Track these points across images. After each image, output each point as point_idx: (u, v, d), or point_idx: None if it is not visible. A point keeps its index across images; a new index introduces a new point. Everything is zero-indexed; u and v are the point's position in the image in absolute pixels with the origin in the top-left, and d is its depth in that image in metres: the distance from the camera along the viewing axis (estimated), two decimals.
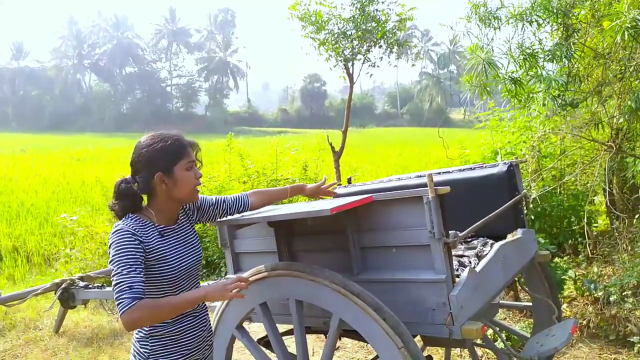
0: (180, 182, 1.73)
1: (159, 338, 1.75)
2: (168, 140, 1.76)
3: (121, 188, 1.74)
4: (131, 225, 1.67)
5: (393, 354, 1.71)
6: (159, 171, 1.71)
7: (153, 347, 1.75)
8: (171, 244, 1.77)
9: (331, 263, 2.15)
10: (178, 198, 1.77)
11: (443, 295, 1.82)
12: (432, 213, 1.82)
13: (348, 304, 1.82)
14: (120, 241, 1.61)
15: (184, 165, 1.74)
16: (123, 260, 1.58)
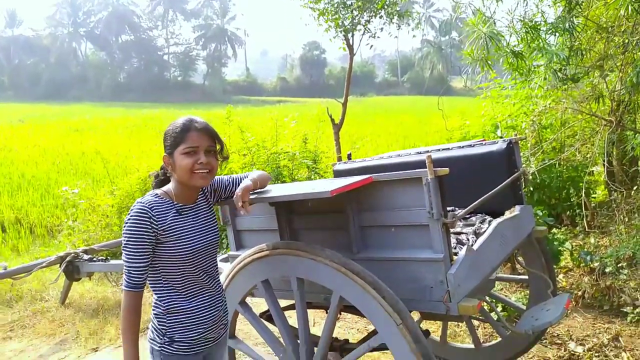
0: (178, 167, 1.78)
1: (176, 315, 1.82)
2: (177, 123, 1.83)
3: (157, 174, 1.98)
4: (150, 202, 1.77)
5: (392, 330, 1.77)
6: (166, 153, 1.82)
7: (170, 324, 1.82)
8: (188, 222, 1.83)
9: (331, 241, 2.19)
10: (181, 180, 1.81)
11: (441, 273, 1.87)
12: (431, 194, 1.84)
13: (348, 282, 1.86)
14: (134, 223, 1.71)
15: (182, 150, 1.77)
16: (130, 245, 1.71)
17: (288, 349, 2.13)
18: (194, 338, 1.84)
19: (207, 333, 1.88)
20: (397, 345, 1.77)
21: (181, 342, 1.83)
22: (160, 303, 1.83)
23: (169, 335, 1.82)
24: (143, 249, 1.71)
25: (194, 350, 1.86)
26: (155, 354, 1.85)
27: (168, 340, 1.82)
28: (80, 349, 3.86)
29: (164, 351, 1.82)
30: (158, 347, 1.82)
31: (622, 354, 3.33)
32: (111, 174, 12.54)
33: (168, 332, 1.82)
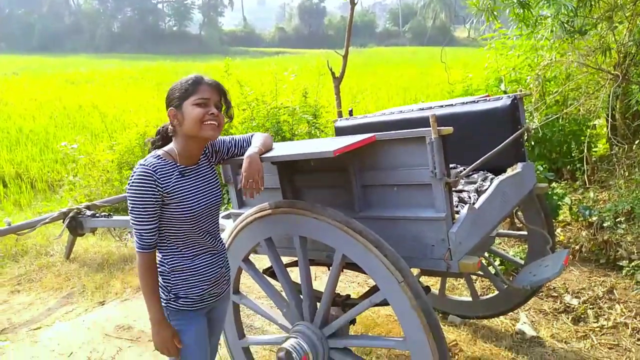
0: (188, 117, 1.76)
1: (180, 273, 1.87)
2: (187, 78, 1.83)
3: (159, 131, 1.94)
4: (152, 164, 1.75)
5: (393, 287, 1.80)
6: (172, 106, 1.79)
7: (174, 282, 1.87)
8: (191, 184, 1.83)
9: (333, 200, 2.20)
10: (187, 134, 1.79)
11: (442, 232, 1.88)
12: (435, 153, 1.83)
13: (350, 240, 1.88)
14: (139, 185, 1.71)
15: (192, 101, 1.76)
16: (137, 208, 1.72)
17: (291, 304, 2.18)
18: (197, 294, 1.89)
19: (211, 289, 1.93)
20: (398, 302, 1.81)
21: (186, 298, 1.88)
22: (164, 261, 1.87)
23: (173, 292, 1.87)
24: (151, 211, 1.73)
25: (198, 306, 1.91)
26: (164, 309, 1.89)
27: (173, 296, 1.87)
28: (87, 302, 3.96)
29: (169, 307, 1.88)
30: (164, 303, 1.88)
31: (616, 306, 3.42)
32: (109, 128, 12.46)
33: (173, 289, 1.87)
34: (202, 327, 1.97)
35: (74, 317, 3.73)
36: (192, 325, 1.92)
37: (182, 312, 1.89)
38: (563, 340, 3.13)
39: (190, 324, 1.92)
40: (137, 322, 3.53)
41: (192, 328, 1.92)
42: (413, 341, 1.81)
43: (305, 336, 2.08)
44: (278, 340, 2.34)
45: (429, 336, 1.77)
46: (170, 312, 1.89)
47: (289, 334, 2.15)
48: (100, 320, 3.61)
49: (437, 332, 1.77)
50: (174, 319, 1.89)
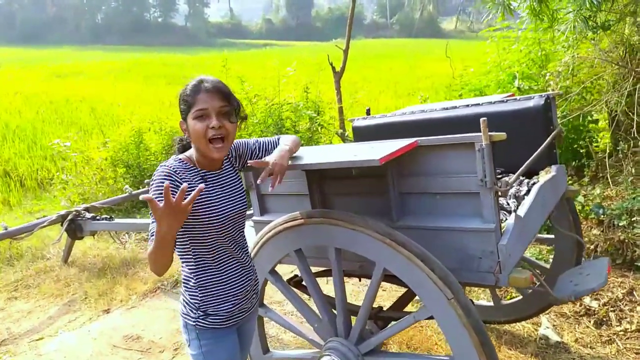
0: (192, 132, 1.66)
1: (209, 288, 1.75)
2: (188, 85, 1.69)
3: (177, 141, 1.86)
4: (174, 167, 1.66)
5: (441, 304, 1.69)
6: (182, 118, 1.72)
7: (203, 297, 1.75)
8: (214, 190, 1.73)
9: (367, 208, 2.07)
10: (196, 147, 1.70)
11: (491, 244, 1.77)
12: (485, 161, 1.72)
13: (393, 253, 1.76)
14: (157, 181, 1.60)
15: (193, 114, 1.65)
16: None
17: (324, 319, 2.06)
18: (228, 310, 1.78)
19: (241, 304, 1.82)
20: (447, 319, 1.70)
21: (215, 315, 1.76)
22: (191, 276, 1.76)
23: (202, 309, 1.75)
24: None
25: (230, 323, 1.80)
26: (190, 329, 1.79)
27: (202, 314, 1.75)
28: (91, 311, 3.80)
29: (199, 325, 1.76)
30: (193, 322, 1.76)
31: (638, 308, 3.35)
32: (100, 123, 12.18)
33: (202, 306, 1.75)
34: (234, 345, 1.85)
35: (78, 326, 3.57)
36: (223, 343, 1.81)
37: (212, 330, 1.77)
38: (588, 345, 3.06)
39: (222, 343, 1.80)
40: (145, 332, 3.39)
41: (224, 347, 1.81)
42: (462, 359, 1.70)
43: (340, 354, 1.96)
44: (307, 356, 2.23)
45: (481, 355, 1.66)
46: (199, 331, 1.77)
47: (322, 351, 2.04)
48: (106, 330, 3.45)
49: (489, 351, 1.66)
50: (204, 338, 1.77)
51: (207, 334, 1.77)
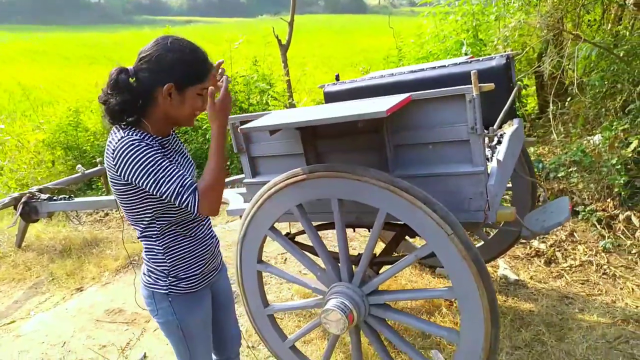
0: (186, 105, 1.61)
1: (176, 252, 1.75)
2: (199, 55, 1.62)
3: (121, 79, 1.55)
4: (136, 136, 1.54)
5: (442, 240, 1.88)
6: (172, 82, 1.56)
7: (172, 263, 1.75)
8: (173, 155, 1.72)
9: (362, 162, 2.22)
10: (174, 117, 1.64)
11: (481, 185, 1.98)
12: (476, 110, 1.91)
13: (396, 199, 1.93)
14: (141, 152, 1.50)
15: (199, 88, 1.62)
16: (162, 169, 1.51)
17: (328, 267, 2.21)
18: (199, 271, 1.81)
19: (210, 263, 1.87)
20: (447, 253, 1.89)
21: (187, 279, 1.78)
22: (156, 244, 1.73)
23: (173, 274, 1.75)
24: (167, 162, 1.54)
25: (203, 284, 1.84)
26: (160, 298, 1.76)
27: (173, 279, 1.76)
28: (62, 291, 3.71)
29: (172, 292, 1.76)
30: (164, 290, 1.75)
31: (579, 247, 3.79)
32: (21, 107, 11.40)
33: (172, 272, 1.75)
34: (208, 307, 1.90)
35: (52, 306, 3.49)
36: (198, 306, 1.84)
37: (186, 295, 1.79)
38: (541, 281, 3.44)
39: (197, 306, 1.83)
40: (126, 305, 3.38)
41: (198, 310, 1.84)
42: (462, 289, 1.91)
43: (346, 295, 2.12)
44: (309, 304, 2.38)
45: (478, 282, 1.88)
46: (173, 298, 1.76)
47: (327, 296, 2.19)
48: (84, 306, 3.40)
49: (486, 278, 1.88)
50: (178, 304, 1.78)
51: (181, 300, 1.77)
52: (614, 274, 3.41)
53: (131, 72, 1.58)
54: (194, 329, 1.84)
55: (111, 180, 1.63)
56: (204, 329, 1.90)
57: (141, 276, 1.85)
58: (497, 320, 1.90)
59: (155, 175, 1.51)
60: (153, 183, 1.52)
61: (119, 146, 1.51)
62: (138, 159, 1.50)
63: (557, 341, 2.71)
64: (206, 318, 1.89)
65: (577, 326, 2.83)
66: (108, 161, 1.59)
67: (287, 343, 2.45)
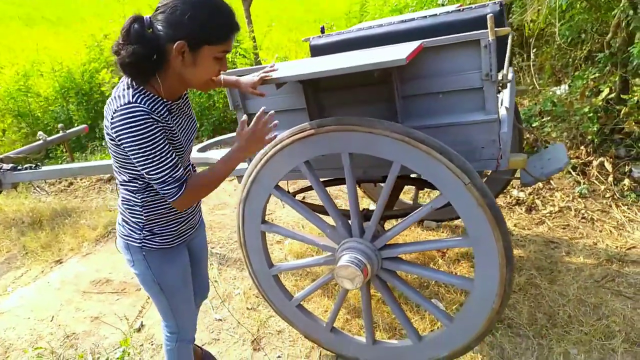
0: (202, 67, 1.47)
1: (154, 208, 1.68)
2: (224, 12, 1.46)
3: (134, 29, 1.40)
4: (145, 103, 1.44)
5: (459, 190, 1.87)
6: (184, 39, 1.40)
7: (148, 216, 1.68)
8: (178, 121, 1.63)
9: (369, 115, 2.16)
10: (187, 80, 1.52)
11: (494, 133, 1.97)
12: (491, 56, 1.87)
13: (411, 150, 1.89)
14: (142, 129, 1.40)
15: (218, 51, 1.47)
16: (153, 152, 1.43)
17: (338, 224, 2.17)
18: (175, 229, 1.76)
19: (188, 221, 1.82)
20: (464, 202, 1.89)
21: (162, 234, 1.73)
22: (134, 196, 1.65)
23: (147, 228, 1.69)
24: (167, 148, 1.47)
25: (178, 240, 1.79)
26: (135, 250, 1.72)
27: (148, 234, 1.69)
28: (40, 264, 3.52)
29: (145, 246, 1.71)
30: (138, 243, 1.70)
31: (556, 194, 3.92)
32: None
33: (147, 225, 1.68)
34: (185, 263, 1.86)
35: (31, 280, 3.30)
36: (174, 262, 1.80)
37: (162, 250, 1.74)
38: (525, 227, 3.54)
39: (172, 262, 1.79)
40: (113, 274, 3.25)
41: (175, 265, 1.80)
42: (478, 236, 1.92)
43: (359, 250, 2.10)
44: (318, 262, 2.34)
45: (494, 228, 1.89)
46: (146, 252, 1.72)
47: (338, 252, 2.16)
48: (68, 279, 3.25)
49: (502, 223, 1.89)
50: (153, 258, 1.73)
51: (155, 255, 1.73)
52: (592, 217, 3.55)
53: (147, 22, 1.44)
54: (171, 282, 1.81)
55: (106, 130, 1.53)
56: (183, 284, 1.86)
57: (117, 224, 1.79)
58: (512, 264, 1.93)
59: (147, 157, 1.45)
60: (143, 163, 1.46)
61: (121, 111, 1.41)
62: (136, 133, 1.40)
63: (550, 283, 2.82)
64: (184, 273, 1.85)
65: (566, 268, 2.95)
66: (107, 115, 1.49)
67: (293, 302, 2.43)
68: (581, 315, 2.57)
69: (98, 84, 6.56)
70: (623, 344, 2.36)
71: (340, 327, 2.67)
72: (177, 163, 1.50)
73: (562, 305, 2.65)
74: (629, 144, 4.11)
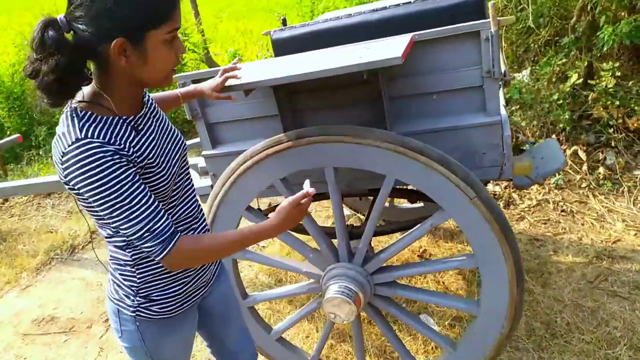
0: (152, 60, 1.11)
1: (150, 265, 1.28)
2: None
3: (48, 37, 1.04)
4: (98, 133, 1.08)
5: (464, 205, 1.63)
6: (120, 33, 1.06)
7: (143, 278, 1.29)
8: (151, 140, 1.22)
9: (354, 120, 1.89)
10: (142, 81, 1.16)
11: (497, 137, 1.74)
12: (493, 50, 1.63)
13: (407, 161, 1.63)
14: (99, 171, 1.05)
15: (164, 32, 1.10)
16: (120, 199, 1.08)
17: (322, 247, 1.88)
18: (180, 291, 1.34)
19: (198, 279, 1.39)
20: (469, 219, 1.65)
21: (161, 302, 1.31)
22: (123, 252, 1.26)
23: (142, 293, 1.29)
24: (142, 188, 1.11)
25: (184, 307, 1.36)
26: (126, 319, 1.32)
27: (143, 300, 1.30)
28: None
29: (140, 316, 1.31)
30: (131, 312, 1.30)
31: (532, 186, 3.78)
32: None
33: (141, 290, 1.29)
34: (189, 336, 1.46)
35: None
36: (175, 336, 1.39)
37: (162, 321, 1.33)
38: None
39: (173, 336, 1.38)
40: (59, 310, 2.83)
41: (176, 342, 1.40)
42: (485, 255, 1.69)
43: (349, 278, 1.83)
44: (301, 290, 2.06)
45: (503, 245, 1.66)
46: (140, 322, 1.31)
47: (324, 281, 1.88)
48: (5, 318, 2.81)
49: (511, 239, 1.67)
50: (149, 331, 1.33)
51: (152, 326, 1.33)
52: (571, 210, 3.44)
53: (62, 23, 1.06)
54: (167, 357, 1.41)
55: (58, 176, 1.15)
56: (183, 355, 1.48)
57: (107, 282, 1.39)
58: (523, 283, 1.72)
59: (113, 208, 1.08)
60: (110, 216, 1.10)
61: (70, 153, 1.05)
62: (93, 179, 1.05)
63: (543, 287, 2.66)
64: (185, 345, 1.46)
65: (556, 269, 2.80)
66: (56, 160, 1.11)
67: (273, 335, 2.14)
68: (580, 321, 2.42)
69: (32, 87, 5.96)
70: (627, 352, 2.22)
71: (325, 356, 2.40)
72: (157, 210, 1.12)
73: (559, 312, 2.48)
74: (598, 130, 4.04)
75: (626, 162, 3.77)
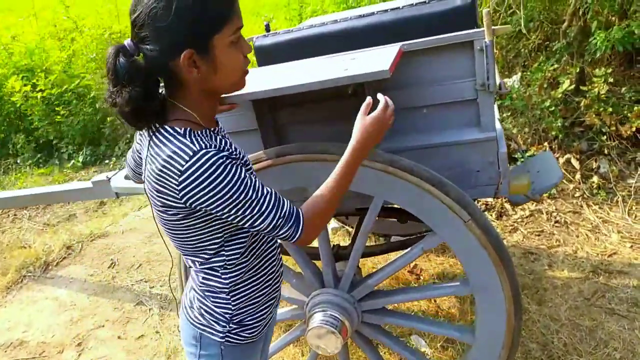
0: (223, 65, 1.09)
1: (245, 292, 1.28)
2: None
3: (120, 65, 1.02)
4: (207, 143, 1.07)
5: (458, 228, 1.52)
6: (186, 45, 1.03)
7: (237, 305, 1.28)
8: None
9: (337, 135, 1.75)
10: (217, 90, 1.15)
11: (493, 154, 1.62)
12: (488, 61, 1.51)
13: (396, 182, 1.51)
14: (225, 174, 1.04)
15: (229, 33, 1.07)
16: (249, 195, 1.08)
17: (306, 272, 1.75)
18: (267, 316, 1.37)
19: (276, 303, 1.42)
20: (463, 242, 1.54)
21: (253, 326, 1.32)
22: (219, 280, 1.24)
23: (236, 320, 1.29)
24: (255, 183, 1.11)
25: (264, 330, 1.39)
26: (210, 344, 1.30)
27: (236, 327, 1.30)
28: None
29: (228, 341, 1.30)
30: (220, 338, 1.29)
31: None
32: None
33: (235, 317, 1.29)
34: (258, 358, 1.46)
35: None
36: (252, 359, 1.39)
37: (246, 345, 1.33)
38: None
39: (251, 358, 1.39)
40: (29, 334, 2.66)
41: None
42: (480, 281, 1.58)
43: (335, 305, 1.70)
44: (284, 317, 1.93)
45: (500, 272, 1.55)
46: (226, 347, 1.30)
47: (308, 308, 1.75)
48: None
49: (508, 264, 1.55)
50: (230, 355, 1.31)
51: (236, 351, 1.32)
52: (565, 220, 3.35)
53: (131, 47, 1.04)
54: None
55: (163, 207, 1.11)
56: None
57: (185, 309, 1.36)
58: (521, 311, 1.61)
59: (244, 206, 1.08)
60: (243, 215, 1.09)
61: (192, 168, 1.03)
62: (224, 183, 1.04)
63: (538, 305, 2.55)
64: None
65: (552, 285, 2.69)
66: (171, 185, 1.06)
67: None
68: (577, 342, 2.31)
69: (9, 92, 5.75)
70: None
71: None
72: (277, 195, 1.15)
73: (556, 332, 2.37)
74: (591, 137, 3.96)
75: (620, 170, 3.69)
